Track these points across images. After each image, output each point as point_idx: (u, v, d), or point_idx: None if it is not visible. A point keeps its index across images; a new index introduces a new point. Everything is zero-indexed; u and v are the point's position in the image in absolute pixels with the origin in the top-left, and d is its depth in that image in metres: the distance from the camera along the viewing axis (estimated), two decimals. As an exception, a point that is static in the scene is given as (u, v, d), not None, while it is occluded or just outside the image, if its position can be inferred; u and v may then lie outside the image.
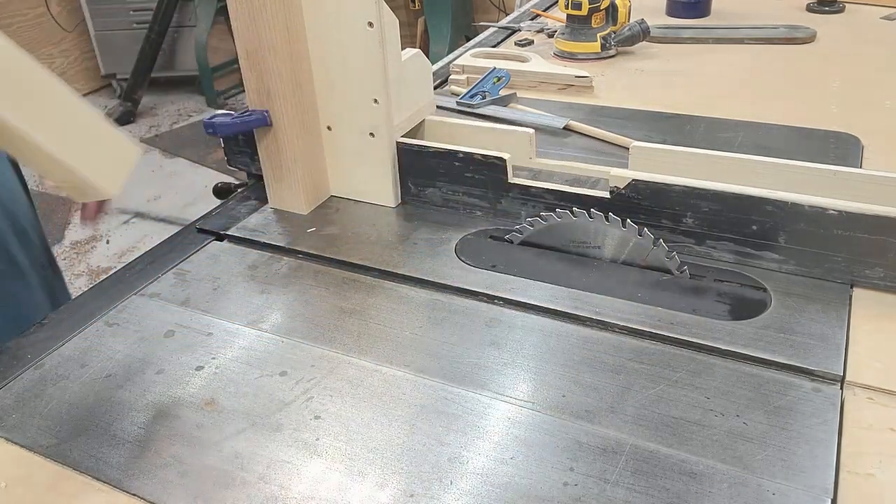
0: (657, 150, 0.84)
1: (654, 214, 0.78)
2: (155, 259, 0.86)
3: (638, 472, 0.55)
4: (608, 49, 1.40)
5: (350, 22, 0.81)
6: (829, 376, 0.62)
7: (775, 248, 0.75)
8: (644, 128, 1.10)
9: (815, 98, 1.18)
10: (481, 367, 0.66)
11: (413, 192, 0.92)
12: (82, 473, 0.58)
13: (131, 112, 4.02)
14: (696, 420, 0.59)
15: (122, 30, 4.18)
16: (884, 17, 1.55)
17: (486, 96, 1.19)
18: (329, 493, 0.55)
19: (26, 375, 0.68)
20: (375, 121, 0.87)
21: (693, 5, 1.62)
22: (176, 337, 0.72)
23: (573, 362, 0.66)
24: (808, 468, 0.54)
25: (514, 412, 0.61)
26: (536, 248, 0.82)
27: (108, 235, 2.88)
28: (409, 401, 0.63)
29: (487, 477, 0.55)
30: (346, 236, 0.87)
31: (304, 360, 0.68)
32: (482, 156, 0.84)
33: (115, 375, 0.68)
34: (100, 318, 0.76)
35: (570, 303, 0.73)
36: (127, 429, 0.62)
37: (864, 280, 0.72)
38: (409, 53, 0.90)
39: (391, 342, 0.70)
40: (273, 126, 0.86)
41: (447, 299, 0.75)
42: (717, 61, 1.37)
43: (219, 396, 0.64)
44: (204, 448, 0.59)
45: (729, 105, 1.17)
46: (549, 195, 0.82)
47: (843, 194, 0.74)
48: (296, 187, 0.90)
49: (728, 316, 0.70)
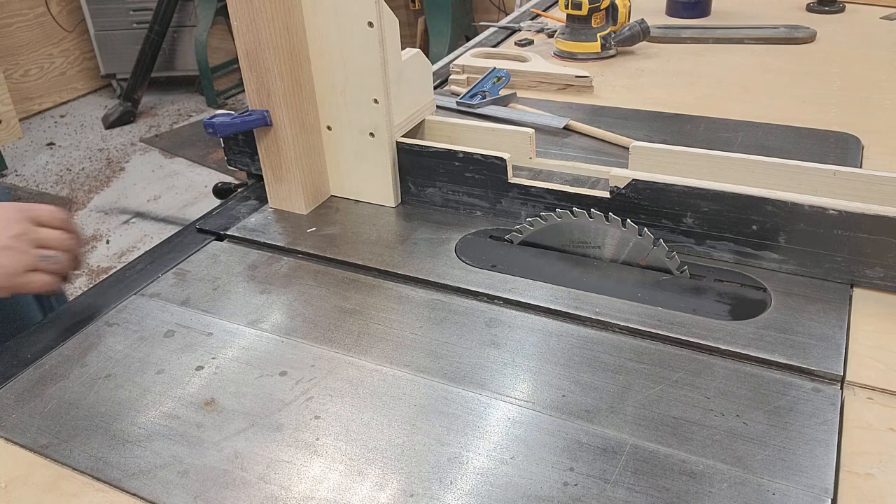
0: (657, 150, 0.84)
1: (654, 214, 0.78)
2: (155, 259, 0.86)
3: (638, 472, 0.55)
4: (608, 49, 1.40)
5: (350, 22, 0.81)
6: (829, 376, 0.62)
7: (775, 248, 0.75)
8: (644, 128, 1.10)
9: (815, 98, 1.18)
10: (481, 367, 0.66)
11: (413, 192, 0.92)
12: (82, 473, 0.58)
13: (131, 112, 4.03)
14: (696, 420, 0.59)
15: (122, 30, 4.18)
16: (884, 17, 1.55)
17: (486, 96, 1.19)
18: (329, 493, 0.55)
19: (26, 375, 0.68)
20: (375, 121, 0.87)
21: (693, 5, 1.62)
22: (176, 337, 0.72)
23: (573, 362, 0.66)
24: (808, 468, 0.54)
25: (514, 412, 0.61)
26: (536, 248, 0.82)
27: (108, 235, 2.88)
28: (409, 401, 0.63)
29: (487, 477, 0.55)
30: (346, 236, 0.87)
31: (304, 360, 0.68)
32: (482, 156, 0.84)
33: (115, 375, 0.68)
34: (100, 318, 0.76)
35: (570, 303, 0.73)
36: (127, 429, 0.62)
37: (864, 280, 0.72)
38: (409, 53, 0.90)
39: (391, 342, 0.70)
40: (273, 126, 0.86)
41: (447, 299, 0.75)
42: (717, 61, 1.37)
43: (219, 396, 0.64)
44: (204, 448, 0.59)
45: (729, 105, 1.17)
46: (549, 195, 0.82)
47: (843, 194, 0.74)
48: (296, 187, 0.90)
49: (728, 316, 0.70)
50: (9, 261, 0.69)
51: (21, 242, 0.70)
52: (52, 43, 4.23)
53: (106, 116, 4.01)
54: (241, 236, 0.88)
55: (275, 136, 0.87)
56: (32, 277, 0.71)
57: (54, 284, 0.73)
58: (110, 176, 3.45)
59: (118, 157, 3.64)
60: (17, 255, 0.70)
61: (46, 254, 0.72)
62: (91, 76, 4.48)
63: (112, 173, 3.48)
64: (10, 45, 4.01)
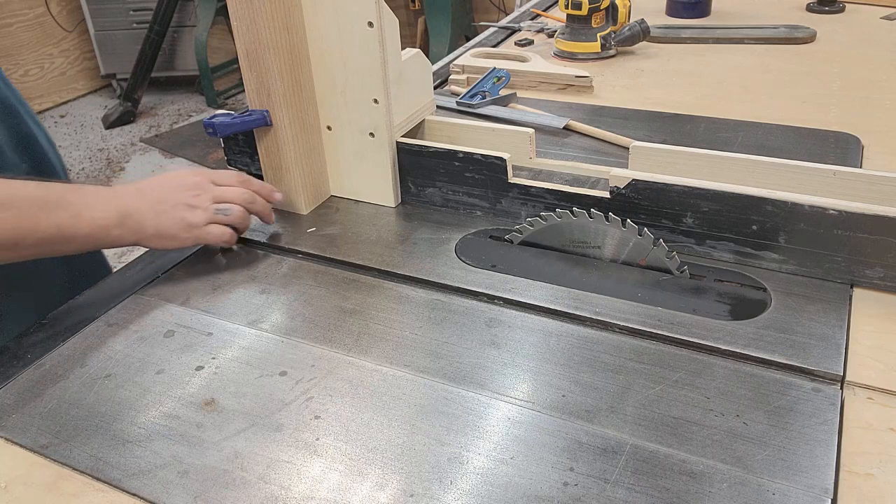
0: (657, 150, 0.84)
1: (654, 214, 0.78)
2: (155, 259, 0.86)
3: (638, 472, 0.55)
4: (608, 49, 1.40)
5: (350, 22, 0.81)
6: (829, 376, 0.62)
7: (775, 247, 0.75)
8: (644, 128, 1.10)
9: (815, 98, 1.18)
10: (481, 367, 0.66)
11: (413, 192, 0.92)
12: (82, 473, 0.58)
13: (131, 112, 4.03)
14: (696, 420, 0.59)
15: (122, 30, 4.18)
16: (884, 17, 1.55)
17: (486, 96, 1.19)
18: (329, 493, 0.55)
19: (26, 375, 0.68)
20: (375, 121, 0.87)
21: (693, 5, 1.62)
22: (176, 337, 0.72)
23: (573, 362, 0.66)
24: (808, 468, 0.54)
25: (514, 412, 0.61)
26: (536, 248, 0.82)
27: (108, 235, 2.87)
28: (409, 401, 0.63)
29: (487, 477, 0.55)
30: (346, 236, 0.87)
31: (304, 360, 0.68)
32: (482, 156, 0.84)
33: (115, 375, 0.68)
34: (100, 318, 0.76)
35: (570, 303, 0.73)
36: (127, 429, 0.62)
37: (864, 280, 0.72)
38: (409, 53, 0.90)
39: (391, 342, 0.70)
40: (273, 126, 0.86)
41: (447, 299, 0.75)
42: (717, 61, 1.37)
43: (219, 396, 0.64)
44: (204, 448, 0.59)
45: (729, 105, 1.17)
46: (549, 195, 0.82)
47: (843, 194, 0.74)
48: (296, 187, 0.90)
49: (728, 316, 0.70)
50: (192, 216, 0.79)
51: (203, 200, 0.80)
52: (52, 43, 4.23)
53: (106, 116, 4.01)
54: (242, 236, 0.88)
55: (275, 136, 0.87)
56: (211, 229, 0.80)
57: (230, 237, 0.82)
58: (110, 176, 3.45)
59: (118, 157, 3.64)
60: (200, 212, 0.79)
61: (221, 207, 0.81)
62: (91, 76, 4.48)
63: (112, 173, 3.48)
64: (10, 45, 4.01)
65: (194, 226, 0.79)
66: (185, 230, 0.78)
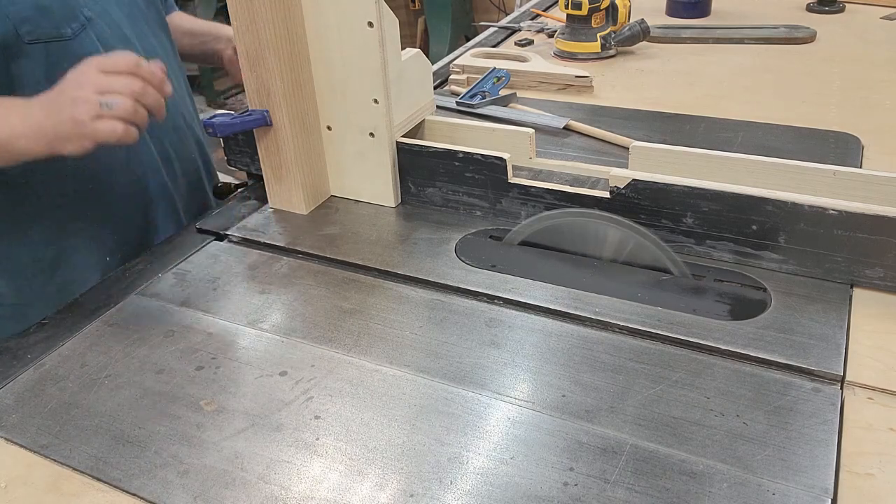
0: (657, 150, 0.84)
1: (654, 214, 0.78)
2: (155, 259, 0.86)
3: (638, 472, 0.55)
4: (608, 49, 1.40)
5: (350, 22, 0.81)
6: (829, 376, 0.62)
7: (775, 248, 0.75)
8: (644, 128, 1.10)
9: (815, 98, 1.18)
10: (481, 367, 0.66)
11: (413, 192, 0.92)
12: (82, 473, 0.58)
13: (131, 112, 4.02)
14: (696, 420, 0.59)
15: (122, 30, 4.17)
16: (884, 17, 1.55)
17: (486, 96, 1.19)
18: (329, 493, 0.55)
19: (26, 375, 0.68)
20: (375, 121, 0.87)
21: (693, 5, 1.62)
22: (176, 337, 0.72)
23: (573, 362, 0.66)
24: (808, 468, 0.54)
25: (514, 412, 0.61)
26: (536, 248, 0.82)
27: (108, 235, 2.87)
28: (409, 401, 0.63)
29: (487, 477, 0.55)
30: (346, 236, 0.87)
31: (304, 360, 0.68)
32: (482, 156, 0.84)
33: (115, 375, 0.68)
34: (100, 318, 0.75)
35: (570, 303, 0.73)
36: (127, 429, 0.62)
37: (864, 280, 0.72)
38: (409, 53, 0.90)
39: (391, 342, 0.70)
40: (273, 126, 0.86)
41: (447, 299, 0.75)
42: (717, 61, 1.37)
43: (219, 396, 0.64)
44: (204, 448, 0.59)
45: (729, 105, 1.17)
46: (549, 195, 0.82)
47: (843, 194, 0.74)
48: (296, 187, 0.90)
49: (728, 316, 0.70)
50: (74, 110, 0.71)
51: (85, 91, 0.72)
52: (52, 43, 4.22)
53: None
54: (241, 236, 0.88)
55: (275, 136, 0.87)
56: (99, 125, 0.72)
57: (123, 132, 0.73)
58: (110, 176, 3.44)
59: (118, 157, 3.63)
60: (81, 104, 0.71)
61: (106, 100, 0.72)
62: (91, 76, 4.47)
63: (112, 173, 3.47)
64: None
65: (80, 122, 0.72)
66: (74, 128, 0.72)
